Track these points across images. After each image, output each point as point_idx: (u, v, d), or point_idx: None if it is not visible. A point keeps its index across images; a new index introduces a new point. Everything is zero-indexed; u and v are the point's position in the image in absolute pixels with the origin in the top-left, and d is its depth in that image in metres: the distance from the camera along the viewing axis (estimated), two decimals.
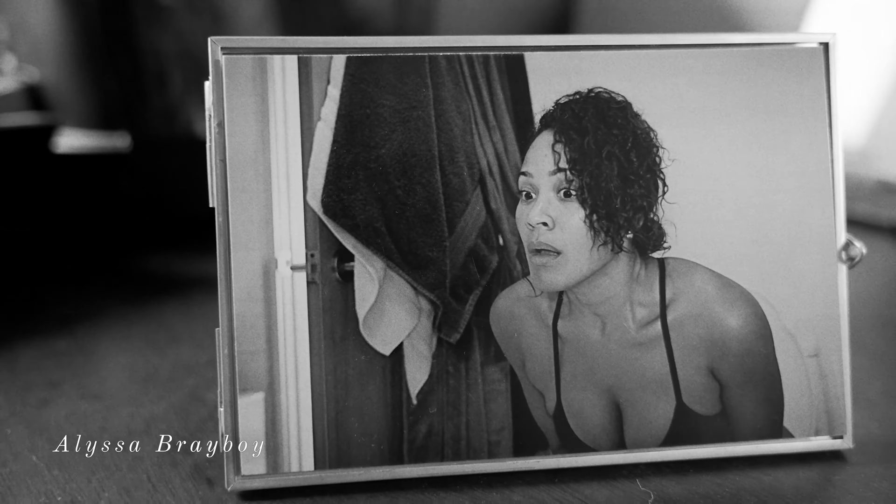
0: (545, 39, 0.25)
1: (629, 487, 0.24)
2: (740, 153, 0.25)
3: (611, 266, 0.25)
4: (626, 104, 0.25)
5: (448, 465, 0.24)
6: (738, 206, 0.25)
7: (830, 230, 0.26)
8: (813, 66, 0.26)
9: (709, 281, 0.25)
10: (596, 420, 0.25)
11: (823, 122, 0.26)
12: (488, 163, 0.25)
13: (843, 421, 0.26)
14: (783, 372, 0.25)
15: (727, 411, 0.25)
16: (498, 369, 0.25)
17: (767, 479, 0.25)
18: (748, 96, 0.25)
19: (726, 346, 0.25)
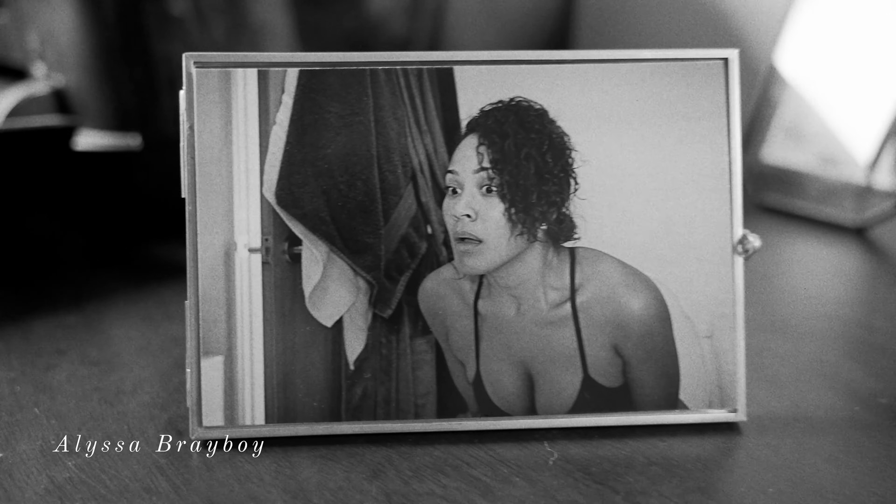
0: (472, 55, 0.28)
1: (537, 448, 0.28)
2: (645, 155, 0.29)
3: (526, 253, 0.28)
4: (542, 111, 0.28)
5: (380, 423, 0.28)
6: (643, 202, 0.28)
7: (726, 225, 0.29)
8: (714, 79, 0.29)
9: (614, 268, 0.28)
10: (510, 388, 0.28)
11: (723, 128, 0.29)
12: (420, 162, 0.28)
13: (736, 396, 0.28)
14: (680, 350, 0.28)
15: (629, 384, 0.28)
16: (425, 341, 0.28)
17: (662, 445, 0.28)
18: (654, 104, 0.28)
19: (629, 327, 0.28)
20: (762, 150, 0.60)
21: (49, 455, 0.27)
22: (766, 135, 0.59)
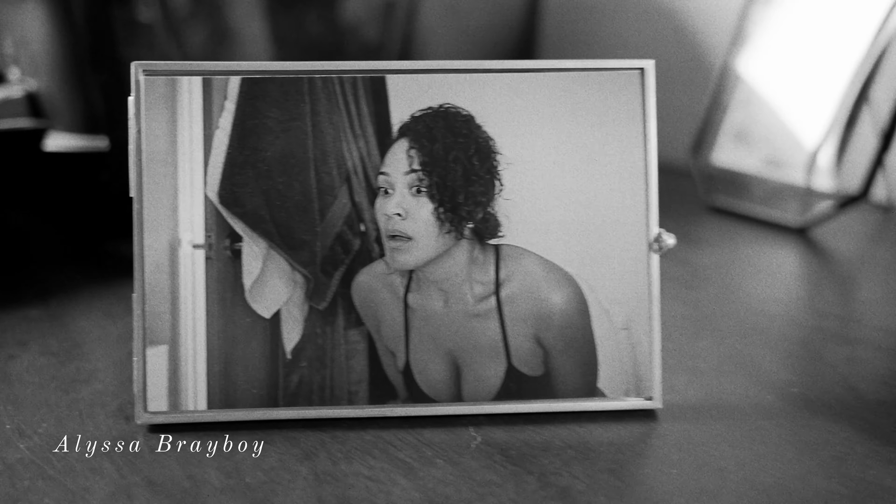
0: (403, 65, 0.30)
1: (462, 432, 0.29)
2: (566, 158, 0.30)
3: (454, 250, 0.30)
4: (470, 117, 0.30)
5: (315, 409, 0.30)
6: (563, 203, 0.30)
7: (642, 223, 0.31)
8: (631, 88, 0.30)
9: (536, 264, 0.30)
10: (438, 377, 0.30)
11: (639, 133, 0.31)
12: (354, 164, 0.30)
13: (652, 384, 0.30)
14: (598, 342, 0.30)
15: (550, 373, 0.30)
16: (357, 332, 0.30)
17: (580, 430, 0.30)
18: (575, 111, 0.30)
19: (550, 319, 0.30)
20: (712, 154, 0.62)
21: (2, 438, 0.29)
22: (716, 138, 0.61)
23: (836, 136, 0.53)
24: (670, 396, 0.32)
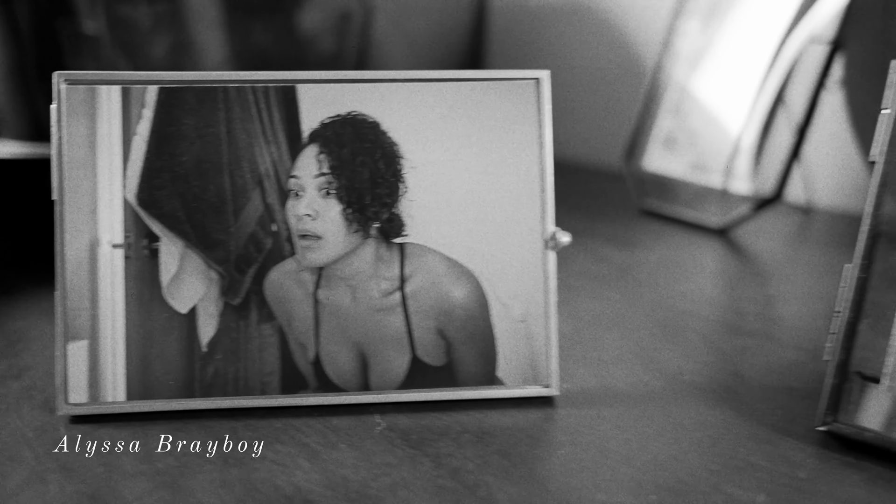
0: (313, 75, 0.32)
1: (368, 419, 0.31)
2: (467, 162, 0.32)
3: (361, 248, 0.32)
4: (376, 124, 0.32)
5: (229, 399, 0.31)
6: (464, 203, 0.32)
7: (538, 223, 0.33)
8: (528, 96, 0.33)
9: (439, 262, 0.32)
10: (346, 367, 0.32)
11: (535, 139, 0.33)
12: (266, 168, 0.32)
13: (549, 373, 0.32)
14: (497, 333, 0.32)
15: (452, 363, 0.32)
16: (270, 326, 0.32)
17: (480, 417, 0.32)
18: (475, 118, 0.32)
19: (452, 313, 0.32)
20: (643, 159, 0.64)
21: None
22: (646, 144, 0.64)
23: (753, 140, 0.56)
24: (570, 384, 0.35)
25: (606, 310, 0.44)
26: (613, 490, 0.27)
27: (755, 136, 0.55)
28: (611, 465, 0.28)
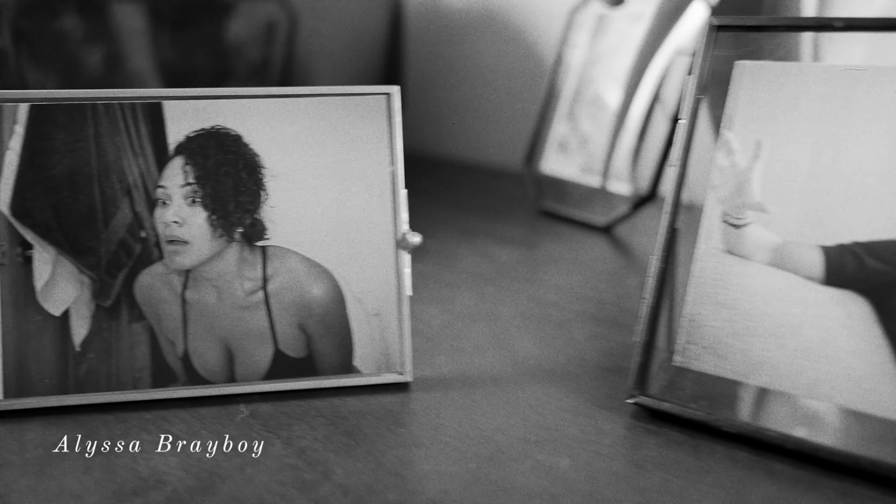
0: (178, 92, 0.35)
1: (234, 409, 0.34)
2: (323, 171, 0.35)
3: (226, 252, 0.35)
4: (238, 136, 0.35)
5: (102, 394, 0.34)
6: (322, 209, 0.35)
7: (390, 225, 0.36)
8: (379, 110, 0.36)
9: (299, 262, 0.35)
10: (213, 361, 0.34)
11: (386, 148, 0.36)
12: (134, 179, 0.34)
13: (403, 361, 0.35)
14: (353, 326, 0.35)
15: (312, 355, 0.35)
16: (140, 325, 0.34)
17: (338, 403, 0.35)
18: (330, 129, 0.35)
19: (311, 309, 0.35)
20: (541, 162, 0.68)
21: None
22: (543, 148, 0.68)
23: (631, 143, 0.60)
24: (427, 372, 0.38)
25: (479, 304, 0.48)
26: (439, 460, 0.30)
27: (633, 141, 0.59)
28: (442, 440, 0.32)
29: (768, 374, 0.30)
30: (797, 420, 0.29)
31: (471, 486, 0.29)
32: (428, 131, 1.00)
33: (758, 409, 0.31)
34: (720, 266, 0.31)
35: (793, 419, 0.30)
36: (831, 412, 0.29)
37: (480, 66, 0.91)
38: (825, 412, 0.29)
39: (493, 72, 0.90)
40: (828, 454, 0.29)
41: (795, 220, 0.30)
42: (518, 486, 0.29)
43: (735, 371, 0.31)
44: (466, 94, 0.95)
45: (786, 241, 0.30)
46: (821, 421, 0.29)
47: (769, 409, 0.30)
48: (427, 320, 0.45)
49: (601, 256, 0.59)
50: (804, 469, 0.30)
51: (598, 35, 0.66)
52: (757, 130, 0.31)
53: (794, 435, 0.29)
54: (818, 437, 0.29)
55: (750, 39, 0.32)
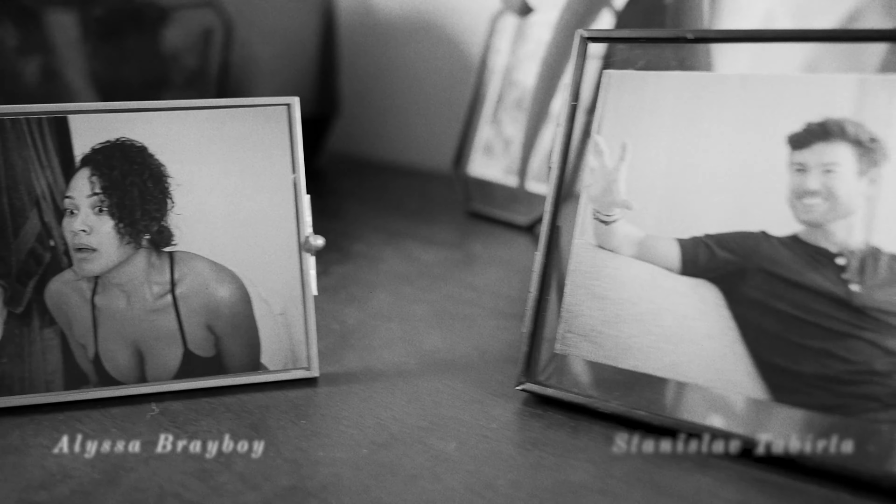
0: (83, 106, 0.36)
1: (145, 407, 0.36)
2: (228, 178, 0.37)
3: (133, 258, 0.36)
4: (143, 148, 0.36)
5: (16, 397, 0.35)
6: (227, 215, 0.37)
7: (293, 228, 0.38)
8: (280, 119, 0.38)
9: (205, 266, 0.37)
10: (124, 363, 0.36)
11: (288, 156, 0.38)
12: (42, 191, 0.36)
13: (309, 358, 0.37)
14: (260, 326, 0.37)
15: (221, 354, 0.37)
16: (52, 330, 0.36)
17: (246, 398, 0.36)
18: (234, 139, 0.37)
19: (219, 310, 0.37)
20: (468, 165, 0.71)
21: None
22: (470, 151, 0.70)
23: (549, 144, 0.62)
24: (335, 367, 0.40)
25: (395, 303, 0.50)
26: (334, 448, 0.32)
27: (550, 142, 0.62)
28: (340, 429, 0.34)
29: (636, 358, 0.33)
30: (663, 399, 0.32)
31: (361, 470, 0.31)
32: (362, 135, 1.02)
33: (629, 390, 0.33)
34: (593, 259, 0.34)
35: (659, 398, 0.32)
36: (691, 391, 0.32)
37: (412, 71, 0.94)
38: (686, 391, 0.32)
39: (424, 76, 0.93)
40: (689, 428, 0.32)
41: (655, 216, 0.33)
42: (405, 468, 0.31)
43: (608, 356, 0.33)
44: (399, 98, 0.98)
45: (647, 235, 0.33)
46: (682, 398, 0.32)
47: (639, 390, 0.33)
48: (342, 319, 0.47)
49: (520, 255, 0.61)
50: (668, 443, 0.33)
51: (518, 41, 0.68)
52: (622, 134, 0.34)
53: (660, 413, 0.32)
54: (680, 414, 0.32)
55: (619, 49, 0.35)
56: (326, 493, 0.29)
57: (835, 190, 0.29)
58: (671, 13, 0.57)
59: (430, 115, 0.93)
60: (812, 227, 0.30)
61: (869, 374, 0.28)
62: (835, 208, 0.29)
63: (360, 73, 1.00)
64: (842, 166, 0.29)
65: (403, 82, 0.97)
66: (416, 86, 0.94)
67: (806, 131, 0.30)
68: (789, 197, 0.30)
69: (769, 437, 0.29)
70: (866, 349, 0.28)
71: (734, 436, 0.30)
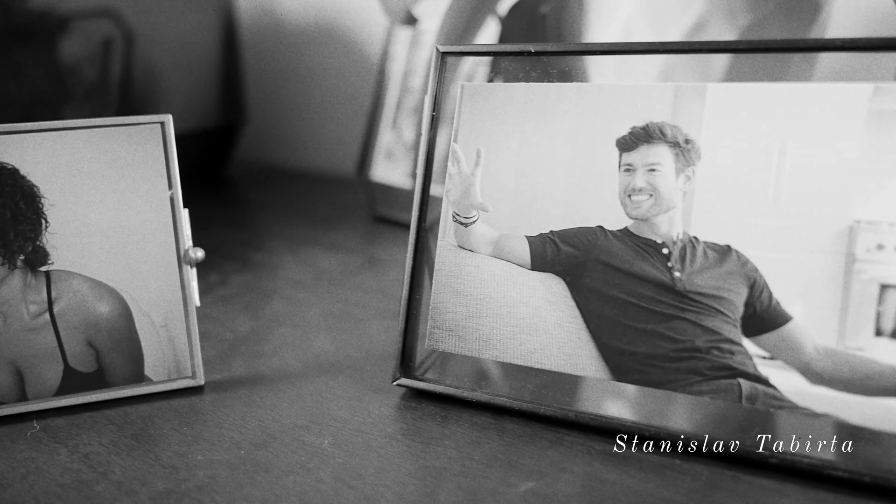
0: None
1: (27, 425, 0.36)
2: (103, 196, 0.38)
3: (9, 279, 0.37)
4: (15, 170, 0.37)
5: None
6: (105, 232, 0.38)
7: (172, 243, 0.39)
8: (154, 136, 0.39)
9: (83, 283, 0.37)
10: (4, 382, 0.36)
11: (163, 171, 0.39)
12: None
13: (193, 367, 0.39)
14: (142, 338, 0.38)
15: (103, 369, 0.38)
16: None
17: (129, 410, 0.37)
18: (108, 157, 0.38)
19: (99, 325, 0.37)
20: (371, 171, 0.73)
21: None
22: (373, 156, 0.72)
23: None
24: (223, 375, 0.41)
25: (289, 309, 0.51)
26: (213, 451, 0.33)
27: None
28: (221, 433, 0.35)
29: (496, 349, 0.35)
30: (524, 385, 0.35)
31: (236, 470, 0.32)
32: (271, 142, 1.02)
33: (493, 379, 0.36)
34: (455, 259, 0.36)
35: (520, 385, 0.35)
36: (546, 376, 0.34)
37: (318, 78, 0.95)
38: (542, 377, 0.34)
39: (329, 82, 0.94)
40: (548, 411, 0.34)
41: (507, 217, 0.35)
42: (279, 465, 0.32)
43: (471, 349, 0.36)
44: (306, 105, 0.99)
45: (502, 234, 0.36)
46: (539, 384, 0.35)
47: (501, 378, 0.35)
48: (235, 328, 0.48)
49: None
50: (529, 426, 0.35)
51: (413, 48, 0.71)
52: (477, 141, 0.36)
53: (521, 398, 0.34)
54: (540, 398, 0.34)
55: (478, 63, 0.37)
56: (201, 493, 0.31)
57: (658, 187, 0.32)
58: (551, 23, 0.61)
59: (336, 122, 0.94)
60: (640, 221, 0.33)
61: (692, 350, 0.31)
62: (658, 203, 0.32)
63: (266, 82, 1.01)
64: (663, 166, 0.32)
65: (309, 90, 0.98)
66: (321, 92, 0.95)
67: (631, 135, 0.33)
68: (620, 195, 0.33)
69: (613, 413, 0.32)
70: (689, 329, 0.31)
71: (583, 413, 0.33)
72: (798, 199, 0.30)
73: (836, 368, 0.29)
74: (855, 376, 0.29)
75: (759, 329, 0.31)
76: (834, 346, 0.29)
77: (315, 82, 0.94)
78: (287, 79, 0.97)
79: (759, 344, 0.31)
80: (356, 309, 0.51)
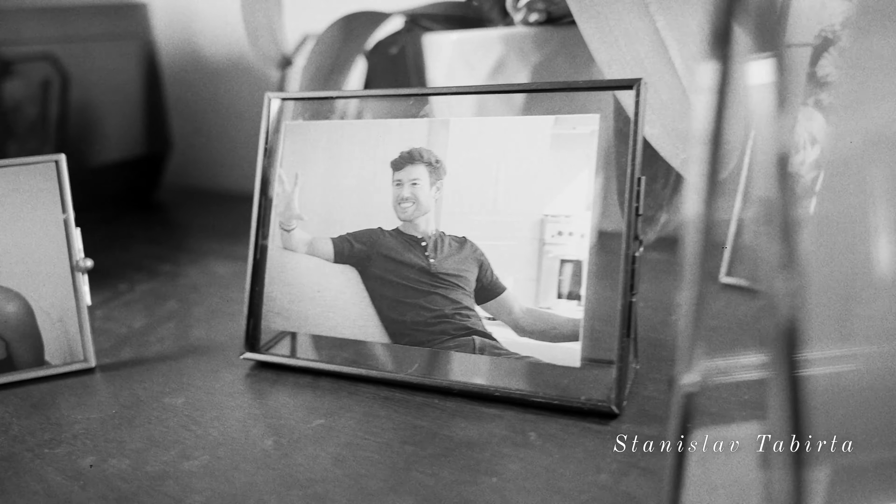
0: None
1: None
2: (8, 222, 0.48)
3: None
4: None
5: None
6: (9, 250, 0.48)
7: (66, 255, 0.49)
8: (49, 173, 0.49)
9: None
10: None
11: (58, 200, 0.49)
12: None
13: (85, 353, 0.48)
14: (42, 331, 0.48)
15: (11, 356, 0.47)
16: None
17: (33, 388, 0.47)
18: (10, 191, 0.48)
19: (8, 322, 0.47)
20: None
21: None
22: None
23: None
24: (113, 359, 0.51)
25: (179, 307, 0.61)
26: (91, 411, 0.43)
27: None
28: (99, 400, 0.45)
29: (312, 325, 0.45)
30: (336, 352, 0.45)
31: (106, 424, 0.42)
32: (194, 167, 1.12)
33: (310, 348, 0.46)
34: (281, 258, 0.47)
35: (332, 351, 0.45)
36: (347, 344, 0.45)
37: (234, 107, 1.05)
38: (345, 344, 0.45)
39: (244, 110, 1.04)
40: (347, 370, 0.44)
41: (317, 223, 0.45)
42: (139, 419, 0.42)
43: (294, 325, 0.46)
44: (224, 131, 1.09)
45: (313, 237, 0.46)
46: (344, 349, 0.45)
47: (319, 347, 0.46)
48: (130, 324, 0.58)
49: None
50: (337, 383, 0.45)
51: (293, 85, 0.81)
52: (295, 166, 0.47)
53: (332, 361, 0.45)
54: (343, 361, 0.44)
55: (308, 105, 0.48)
56: (75, 440, 0.41)
57: (419, 196, 0.43)
58: (400, 61, 0.71)
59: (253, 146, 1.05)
60: (407, 222, 0.43)
61: (442, 317, 0.42)
62: (419, 209, 0.43)
63: (189, 112, 1.11)
64: (421, 180, 0.43)
65: (228, 118, 1.08)
66: (238, 119, 1.06)
67: (400, 157, 0.43)
68: (393, 203, 0.44)
69: (392, 369, 0.43)
70: (440, 300, 0.42)
71: (372, 369, 0.43)
72: (508, 201, 0.41)
73: (534, 323, 0.40)
74: (546, 328, 0.39)
75: (485, 298, 0.41)
76: (532, 307, 0.40)
77: (233, 110, 1.05)
78: (207, 108, 1.07)
79: (485, 309, 0.41)
80: (235, 305, 0.60)
